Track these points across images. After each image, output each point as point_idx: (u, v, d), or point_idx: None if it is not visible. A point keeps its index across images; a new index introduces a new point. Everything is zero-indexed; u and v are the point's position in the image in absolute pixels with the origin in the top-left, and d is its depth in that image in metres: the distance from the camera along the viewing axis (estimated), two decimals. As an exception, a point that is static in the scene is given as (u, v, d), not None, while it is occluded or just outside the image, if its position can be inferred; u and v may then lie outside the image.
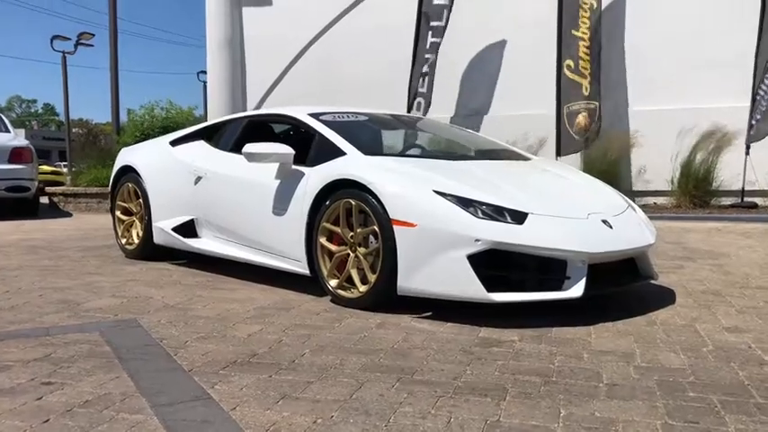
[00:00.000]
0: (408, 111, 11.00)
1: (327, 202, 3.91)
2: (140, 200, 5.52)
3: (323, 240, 3.94)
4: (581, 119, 10.24)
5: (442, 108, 11.22)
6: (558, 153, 10.23)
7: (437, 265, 3.44)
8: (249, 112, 5.32)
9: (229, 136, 5.10)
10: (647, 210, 9.72)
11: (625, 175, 10.21)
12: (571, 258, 3.46)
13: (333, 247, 3.91)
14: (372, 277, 3.68)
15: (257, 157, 4.24)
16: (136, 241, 5.60)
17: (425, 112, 10.95)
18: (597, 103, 10.12)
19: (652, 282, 4.12)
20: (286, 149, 4.20)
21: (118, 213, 5.81)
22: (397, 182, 3.67)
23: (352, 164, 3.95)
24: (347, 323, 3.48)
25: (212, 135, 5.32)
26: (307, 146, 4.36)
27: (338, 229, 3.87)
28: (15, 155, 9.34)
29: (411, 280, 3.53)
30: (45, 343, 3.10)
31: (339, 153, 4.11)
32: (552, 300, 3.44)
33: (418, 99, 11.05)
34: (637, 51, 10.36)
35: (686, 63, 9.95)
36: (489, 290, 3.37)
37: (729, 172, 9.63)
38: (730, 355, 2.95)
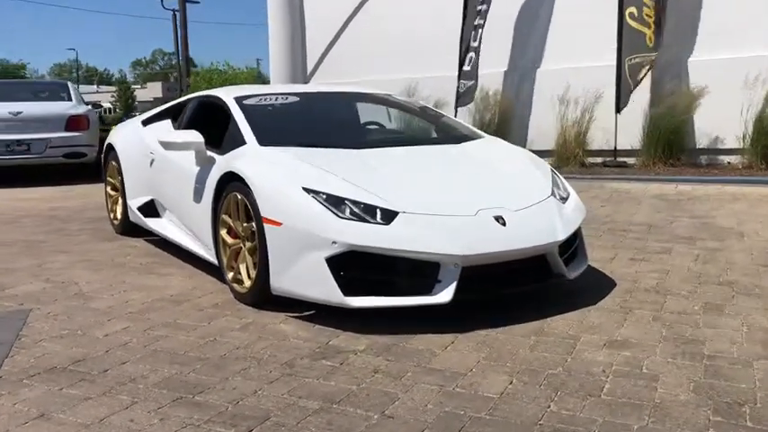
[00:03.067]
0: (460, 66, 10.58)
1: (224, 194, 3.84)
2: (120, 177, 5.69)
3: (223, 232, 3.88)
4: (644, 72, 9.45)
5: (496, 62, 10.70)
6: (618, 109, 9.52)
7: (301, 266, 3.30)
8: (198, 93, 5.29)
9: (184, 116, 5.10)
10: (715, 171, 8.93)
11: (690, 131, 9.38)
12: (442, 261, 3.20)
13: (229, 240, 3.84)
14: (253, 274, 3.60)
15: (171, 146, 4.22)
16: (119, 217, 5.79)
17: (477, 67, 10.50)
18: (657, 54, 9.26)
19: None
20: (195, 137, 4.15)
21: (108, 189, 6.03)
22: (271, 177, 3.53)
23: (242, 155, 3.83)
24: (214, 323, 3.43)
25: (177, 115, 5.35)
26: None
27: (232, 222, 3.80)
28: (73, 122, 9.88)
29: (281, 280, 3.41)
30: None
31: (242, 142, 4.00)
32: (417, 305, 3.21)
33: (470, 54, 10.57)
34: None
35: (757, 6, 8.84)
36: (348, 293, 3.19)
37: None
38: (569, 382, 2.64)
